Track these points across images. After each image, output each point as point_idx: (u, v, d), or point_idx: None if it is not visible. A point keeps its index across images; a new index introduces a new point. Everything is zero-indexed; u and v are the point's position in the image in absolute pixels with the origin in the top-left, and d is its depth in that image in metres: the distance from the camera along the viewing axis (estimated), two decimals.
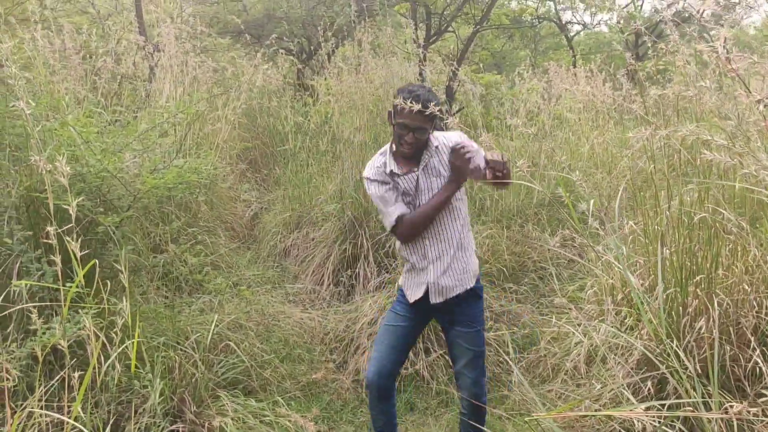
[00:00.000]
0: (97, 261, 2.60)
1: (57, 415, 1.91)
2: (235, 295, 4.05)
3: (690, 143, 3.07)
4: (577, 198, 5.15)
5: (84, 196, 2.98)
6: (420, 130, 2.54)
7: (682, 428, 1.97)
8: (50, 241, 1.86)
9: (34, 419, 2.35)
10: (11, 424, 1.80)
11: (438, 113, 2.26)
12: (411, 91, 2.53)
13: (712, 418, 1.54)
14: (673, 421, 2.08)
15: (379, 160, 2.71)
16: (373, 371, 2.72)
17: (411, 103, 2.28)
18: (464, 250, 2.75)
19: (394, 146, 2.67)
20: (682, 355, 1.96)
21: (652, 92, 2.91)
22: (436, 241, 2.72)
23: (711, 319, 2.69)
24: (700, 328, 2.73)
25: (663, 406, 2.25)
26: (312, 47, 6.79)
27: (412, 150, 2.60)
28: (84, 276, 2.13)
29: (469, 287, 2.73)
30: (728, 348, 2.76)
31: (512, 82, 8.15)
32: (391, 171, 2.67)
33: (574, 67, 8.68)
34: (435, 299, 2.74)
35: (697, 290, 2.82)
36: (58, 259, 1.94)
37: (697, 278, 2.83)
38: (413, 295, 2.76)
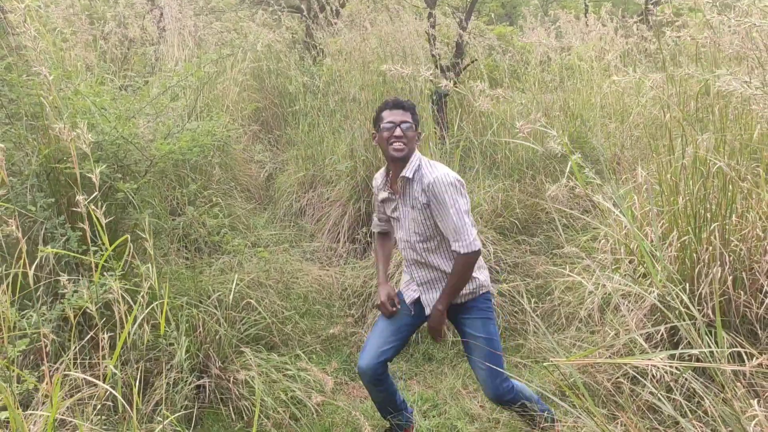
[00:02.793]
0: (120, 226, 2.66)
1: (91, 378, 2.01)
2: (254, 255, 4.13)
3: (707, 90, 3.04)
4: (591, 148, 5.13)
5: (102, 163, 3.04)
6: (405, 123, 2.62)
7: (693, 374, 2.02)
8: (78, 209, 1.93)
9: (69, 378, 2.46)
10: (48, 383, 1.90)
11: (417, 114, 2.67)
12: (391, 99, 2.72)
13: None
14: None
15: (380, 172, 2.85)
16: (361, 360, 2.73)
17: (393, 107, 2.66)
18: None
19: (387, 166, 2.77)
20: (686, 300, 1.99)
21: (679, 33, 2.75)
22: (418, 267, 2.74)
23: (725, 266, 2.71)
24: (714, 275, 2.76)
25: (676, 352, 2.31)
26: (319, 4, 6.69)
27: (403, 147, 2.59)
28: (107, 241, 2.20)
29: (465, 301, 2.68)
30: (741, 293, 2.79)
31: (520, 28, 7.97)
32: (383, 182, 2.79)
33: (586, 15, 8.50)
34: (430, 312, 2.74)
35: (711, 238, 2.83)
36: (86, 225, 2.00)
37: (712, 227, 2.84)
38: (408, 296, 2.79)
